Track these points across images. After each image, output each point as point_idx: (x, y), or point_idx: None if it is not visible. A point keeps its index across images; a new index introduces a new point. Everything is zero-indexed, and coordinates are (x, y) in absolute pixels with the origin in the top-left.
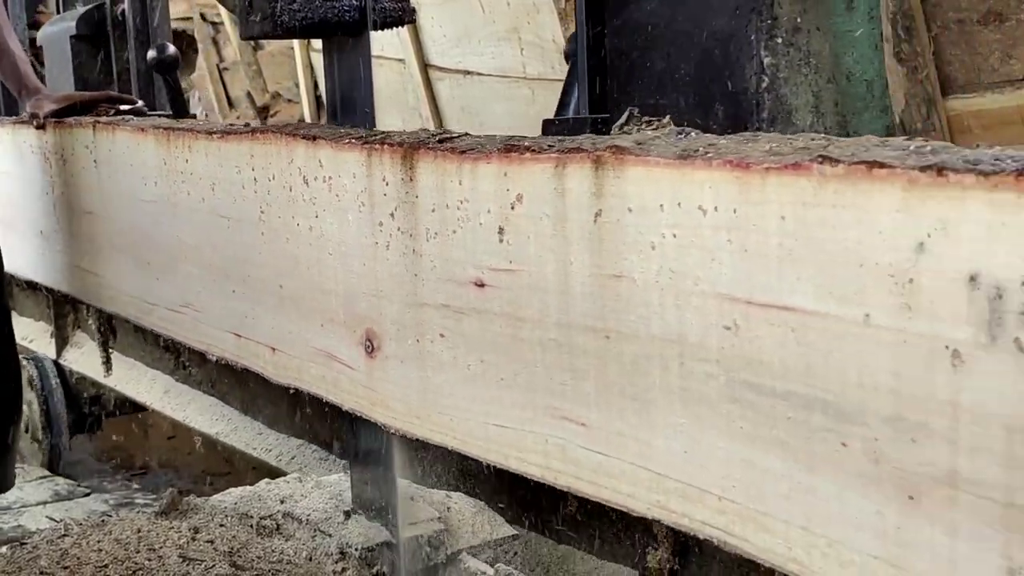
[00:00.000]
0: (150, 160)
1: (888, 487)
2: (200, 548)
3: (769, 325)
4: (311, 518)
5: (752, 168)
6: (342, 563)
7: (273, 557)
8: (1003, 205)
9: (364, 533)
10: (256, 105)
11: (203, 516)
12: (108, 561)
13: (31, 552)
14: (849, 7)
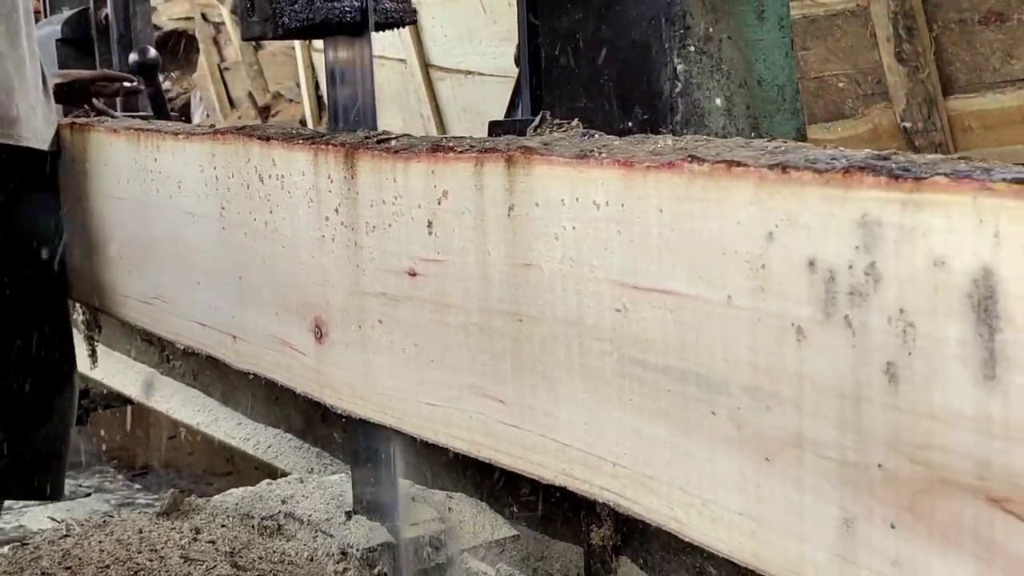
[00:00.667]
0: (122, 160)
1: (748, 450)
2: (201, 548)
3: (652, 307)
4: (312, 518)
5: (635, 167)
6: (343, 563)
7: (275, 558)
8: (833, 199)
9: (365, 533)
10: (257, 105)
11: (205, 516)
12: (110, 561)
13: (33, 552)
14: (760, 17)
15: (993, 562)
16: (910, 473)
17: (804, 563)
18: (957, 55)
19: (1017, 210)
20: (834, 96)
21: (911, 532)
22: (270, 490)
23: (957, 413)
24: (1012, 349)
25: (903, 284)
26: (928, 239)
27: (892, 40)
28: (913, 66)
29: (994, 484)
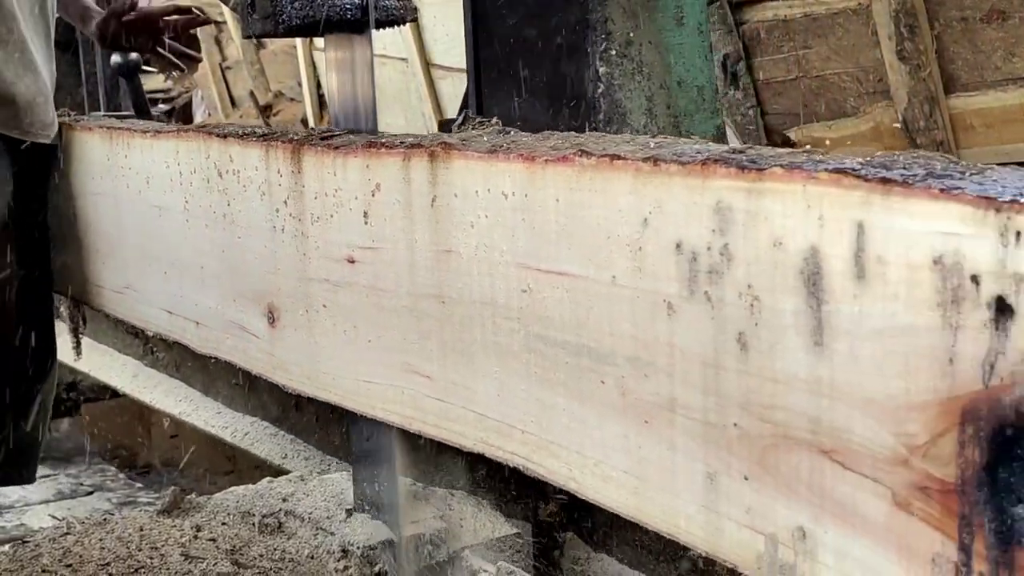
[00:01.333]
0: (97, 156)
1: (631, 415)
2: (202, 546)
3: (551, 288)
4: (313, 516)
5: (536, 160)
6: (344, 561)
7: (275, 555)
8: (694, 188)
9: (366, 531)
10: (259, 104)
11: (205, 514)
12: (110, 559)
13: (33, 550)
14: (679, 23)
15: (823, 507)
16: (759, 431)
17: (677, 515)
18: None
19: (837, 196)
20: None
21: (760, 483)
22: (270, 488)
23: (794, 376)
24: (835, 318)
25: (750, 263)
26: (769, 223)
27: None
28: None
29: (824, 438)
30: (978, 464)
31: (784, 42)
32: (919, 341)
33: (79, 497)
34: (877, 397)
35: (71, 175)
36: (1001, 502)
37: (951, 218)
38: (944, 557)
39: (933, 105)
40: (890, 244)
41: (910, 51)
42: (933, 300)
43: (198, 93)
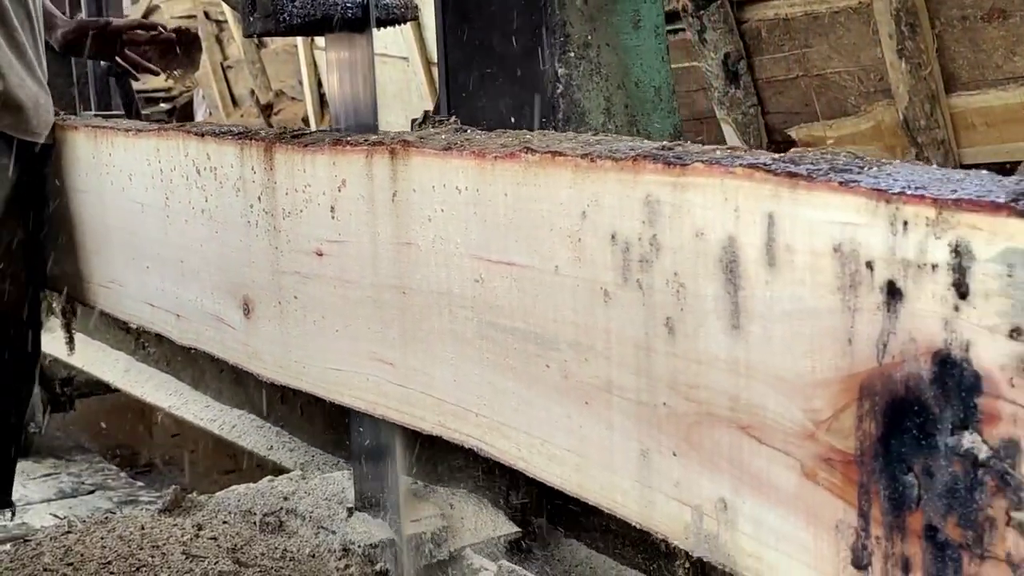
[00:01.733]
0: (83, 155)
1: (573, 396)
2: (203, 545)
3: (501, 278)
4: (314, 515)
5: (486, 156)
6: (345, 560)
7: (276, 554)
8: (626, 182)
9: (367, 530)
10: (260, 103)
11: (206, 513)
12: (112, 558)
13: (35, 549)
14: (636, 26)
15: (742, 479)
16: (685, 409)
17: (615, 490)
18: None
19: (750, 189)
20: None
21: (687, 458)
22: (271, 487)
23: (715, 357)
24: (750, 303)
25: (676, 252)
26: (692, 214)
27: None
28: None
29: (741, 414)
30: (874, 436)
31: (785, 41)
32: (822, 323)
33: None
34: (787, 375)
35: (59, 173)
36: (894, 471)
37: (848, 209)
38: (846, 523)
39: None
40: (797, 233)
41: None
42: (834, 285)
43: (199, 92)
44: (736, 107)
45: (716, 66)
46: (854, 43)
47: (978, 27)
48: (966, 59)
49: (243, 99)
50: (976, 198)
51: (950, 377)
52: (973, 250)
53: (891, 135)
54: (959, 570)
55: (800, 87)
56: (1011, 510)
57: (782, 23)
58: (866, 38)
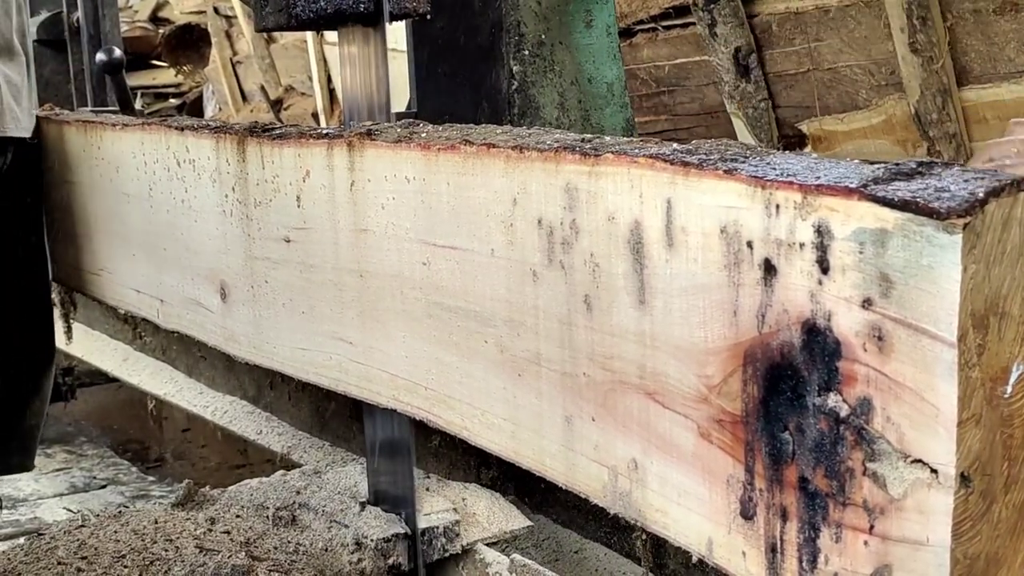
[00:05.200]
0: (74, 148)
1: (508, 368)
2: (217, 539)
3: (445, 260)
4: (327, 509)
5: (431, 148)
6: (358, 554)
7: (289, 548)
8: (550, 171)
9: (380, 524)
10: (269, 98)
11: (219, 507)
12: (125, 551)
13: (49, 543)
14: (589, 25)
15: (650, 441)
16: (602, 378)
17: (544, 454)
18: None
19: (651, 177)
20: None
21: (604, 423)
22: (284, 481)
23: (626, 330)
24: (653, 280)
25: (592, 234)
26: (604, 200)
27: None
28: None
29: (648, 382)
30: (756, 398)
31: (796, 35)
32: (712, 297)
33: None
34: (685, 345)
35: (53, 166)
36: (772, 430)
37: (731, 194)
38: (735, 478)
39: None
40: (690, 216)
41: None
42: (721, 263)
43: (209, 88)
44: (747, 101)
45: (727, 60)
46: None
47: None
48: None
49: (253, 94)
50: (834, 183)
51: (816, 344)
52: (832, 230)
53: (903, 129)
54: (826, 516)
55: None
56: (866, 461)
57: (793, 17)
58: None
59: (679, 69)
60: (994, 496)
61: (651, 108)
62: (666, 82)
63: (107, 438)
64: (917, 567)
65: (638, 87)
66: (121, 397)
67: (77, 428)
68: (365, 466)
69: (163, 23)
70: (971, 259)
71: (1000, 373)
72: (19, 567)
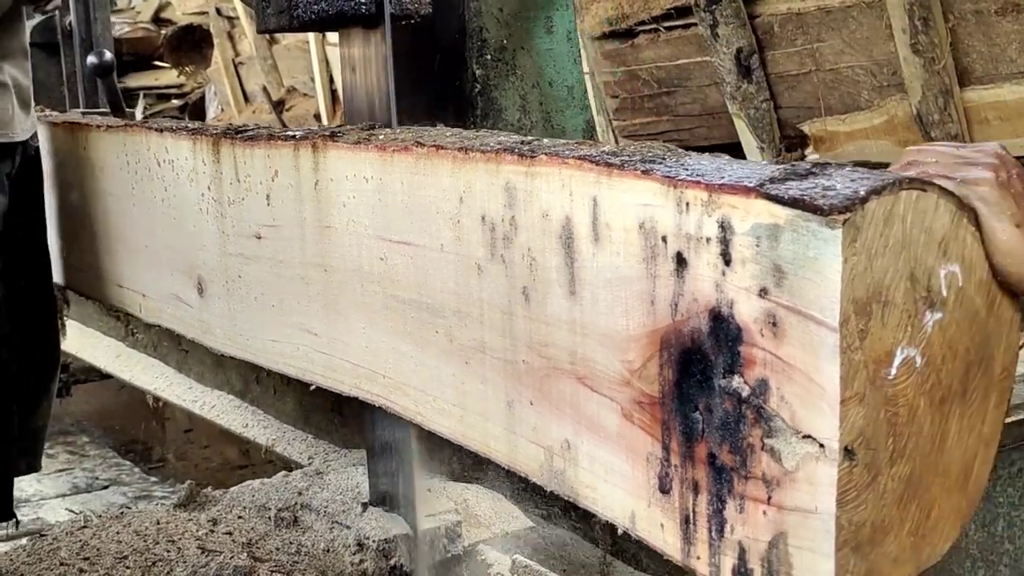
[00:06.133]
0: (61, 149)
1: (456, 357)
2: (219, 539)
3: (400, 255)
4: (328, 510)
5: (387, 149)
6: (360, 555)
7: (291, 549)
8: (492, 171)
9: (381, 525)
10: (271, 99)
11: (221, 508)
12: (127, 552)
13: (51, 544)
14: (549, 31)
15: (580, 423)
16: (539, 364)
17: (489, 437)
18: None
19: (580, 177)
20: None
21: (541, 407)
22: (286, 482)
23: (559, 319)
24: (582, 272)
25: (529, 230)
26: (539, 198)
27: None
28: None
29: (579, 367)
30: (671, 381)
31: (798, 35)
32: (633, 288)
33: (95, 491)
34: (610, 333)
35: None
36: (685, 410)
37: (648, 192)
38: (654, 455)
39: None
40: (613, 213)
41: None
42: (640, 256)
43: (211, 88)
44: (748, 102)
45: (728, 61)
46: (867, 37)
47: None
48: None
49: (255, 95)
50: (735, 183)
51: (721, 330)
52: (733, 225)
53: (904, 129)
54: (731, 489)
55: (813, 82)
56: (764, 437)
57: (794, 17)
58: (879, 32)
59: (681, 70)
60: (879, 469)
61: (652, 109)
62: (668, 83)
63: (109, 439)
64: (807, 534)
65: (640, 88)
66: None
67: (79, 428)
68: (366, 467)
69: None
70: (851, 251)
71: (884, 356)
72: (22, 568)
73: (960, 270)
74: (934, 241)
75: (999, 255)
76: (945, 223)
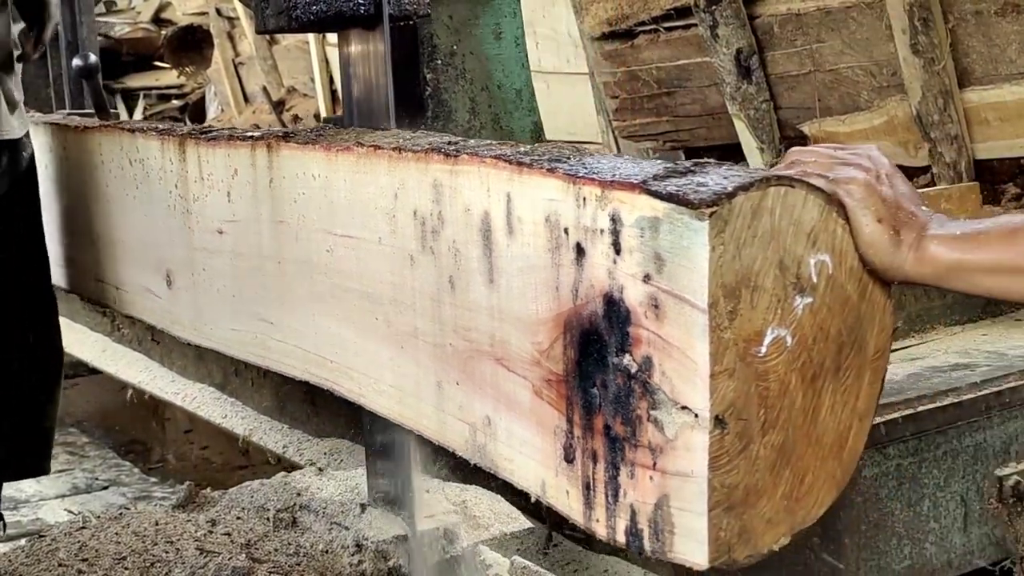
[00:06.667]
0: (44, 148)
1: (394, 341)
2: (217, 540)
3: (344, 248)
4: (327, 511)
5: (331, 149)
6: (358, 556)
7: (290, 550)
8: (421, 169)
9: (380, 526)
10: (272, 100)
11: (220, 509)
12: (126, 553)
13: (50, 544)
14: (498, 37)
15: (499, 400)
16: (463, 347)
17: (422, 416)
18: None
19: (496, 174)
20: (849, 88)
21: (466, 387)
22: (285, 482)
23: (480, 305)
24: (499, 262)
25: (453, 224)
26: (462, 194)
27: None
28: (929, 58)
29: (497, 349)
30: (573, 360)
31: (797, 36)
32: (541, 276)
33: (94, 492)
34: (522, 317)
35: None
36: (585, 386)
37: (552, 189)
38: (560, 428)
39: (947, 99)
40: (524, 208)
41: (924, 45)
42: (546, 247)
43: (211, 89)
44: (748, 103)
45: (728, 61)
46: (867, 38)
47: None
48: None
49: (255, 96)
50: (623, 180)
51: (613, 313)
52: (622, 218)
53: (904, 130)
54: (623, 457)
55: (812, 82)
56: (650, 409)
57: (794, 18)
58: (879, 33)
59: (680, 70)
60: (751, 437)
61: (652, 110)
62: (667, 83)
63: (109, 439)
64: (685, 495)
65: (639, 88)
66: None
67: (80, 429)
68: (365, 468)
69: (165, 24)
70: (719, 241)
71: (754, 336)
72: (20, 569)
73: (830, 259)
74: (803, 233)
75: (863, 246)
76: (814, 216)
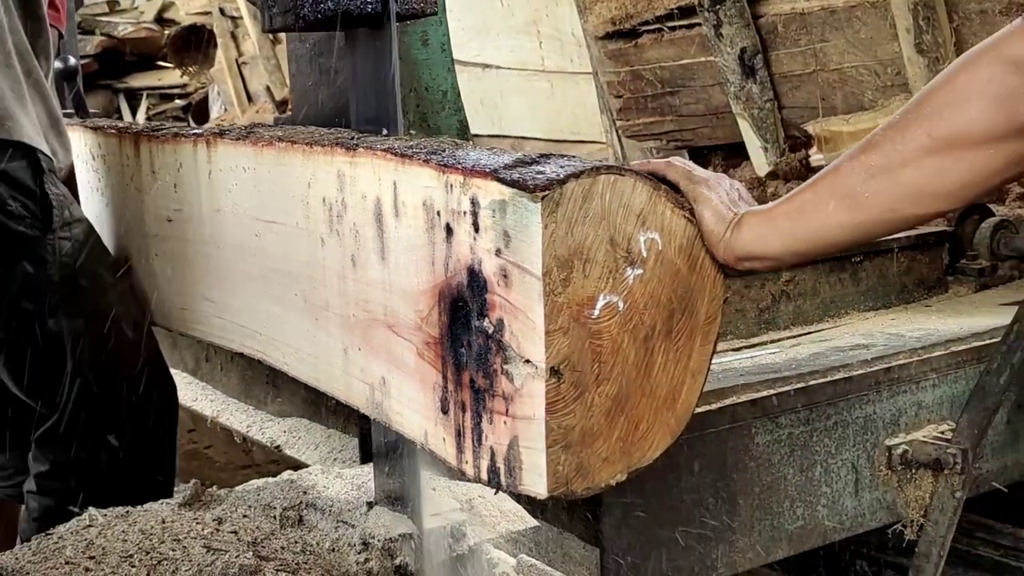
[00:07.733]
0: None
1: (310, 314)
2: (224, 538)
3: (270, 233)
4: (334, 509)
5: (257, 144)
6: (365, 554)
7: (296, 548)
8: (329, 162)
9: (386, 524)
10: (275, 99)
11: (226, 507)
12: (133, 551)
13: (56, 543)
14: (424, 43)
15: (391, 362)
16: (363, 317)
17: (333, 380)
18: None
19: (384, 165)
20: (853, 88)
21: (366, 352)
22: (291, 480)
23: (375, 280)
24: (389, 242)
25: (353, 209)
26: (360, 183)
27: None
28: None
29: (389, 318)
30: (446, 324)
31: (801, 35)
32: (421, 253)
33: None
34: (408, 289)
35: None
36: (456, 346)
37: (427, 177)
38: (438, 384)
39: None
40: (407, 194)
41: (928, 44)
42: (424, 227)
43: (214, 88)
44: (752, 102)
45: (732, 61)
46: (871, 37)
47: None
48: None
49: (258, 95)
50: (480, 168)
51: (474, 283)
52: (480, 201)
53: None
54: (485, 405)
55: (816, 82)
56: (503, 364)
57: (798, 17)
58: (883, 32)
59: (684, 70)
60: (586, 387)
61: (656, 109)
62: (671, 83)
63: None
64: (530, 435)
65: (643, 88)
66: None
67: None
68: (372, 466)
69: (168, 24)
70: (552, 220)
71: (587, 300)
72: (27, 566)
73: (660, 237)
74: (633, 214)
75: (704, 234)
76: (643, 200)
